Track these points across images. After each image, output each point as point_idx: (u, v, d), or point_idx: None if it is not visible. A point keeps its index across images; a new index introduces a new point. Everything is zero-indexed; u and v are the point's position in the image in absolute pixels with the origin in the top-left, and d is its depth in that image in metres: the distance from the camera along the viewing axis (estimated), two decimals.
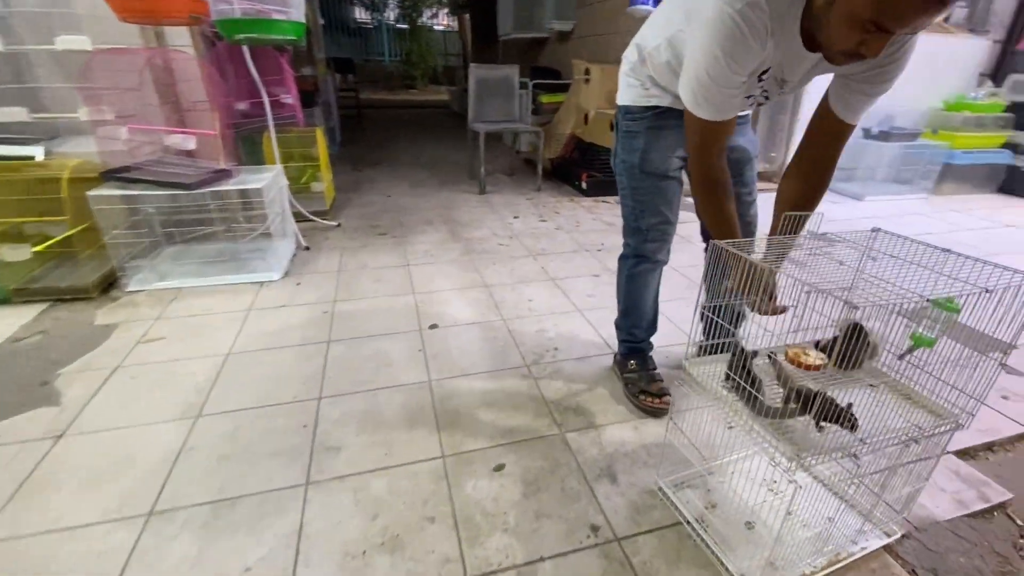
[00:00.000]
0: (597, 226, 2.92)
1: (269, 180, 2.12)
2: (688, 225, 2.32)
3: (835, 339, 1.07)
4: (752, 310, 0.96)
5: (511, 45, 6.40)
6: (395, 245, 2.56)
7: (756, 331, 0.97)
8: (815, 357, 1.01)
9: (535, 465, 1.17)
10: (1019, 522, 1.09)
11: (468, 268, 2.28)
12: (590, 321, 1.83)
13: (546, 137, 3.91)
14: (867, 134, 3.84)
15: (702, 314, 0.98)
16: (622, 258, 1.38)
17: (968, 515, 1.09)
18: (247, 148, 2.92)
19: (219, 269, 2.14)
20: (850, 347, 1.01)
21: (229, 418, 1.31)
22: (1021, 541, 1.05)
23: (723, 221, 1.03)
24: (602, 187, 3.50)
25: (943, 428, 0.87)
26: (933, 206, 3.57)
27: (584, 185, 3.52)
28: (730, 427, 0.88)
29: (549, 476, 1.14)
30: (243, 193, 2.15)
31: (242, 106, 2.86)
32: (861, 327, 1.01)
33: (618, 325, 1.47)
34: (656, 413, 1.33)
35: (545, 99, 4.49)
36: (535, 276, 2.21)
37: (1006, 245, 2.74)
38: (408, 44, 13.15)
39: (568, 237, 2.71)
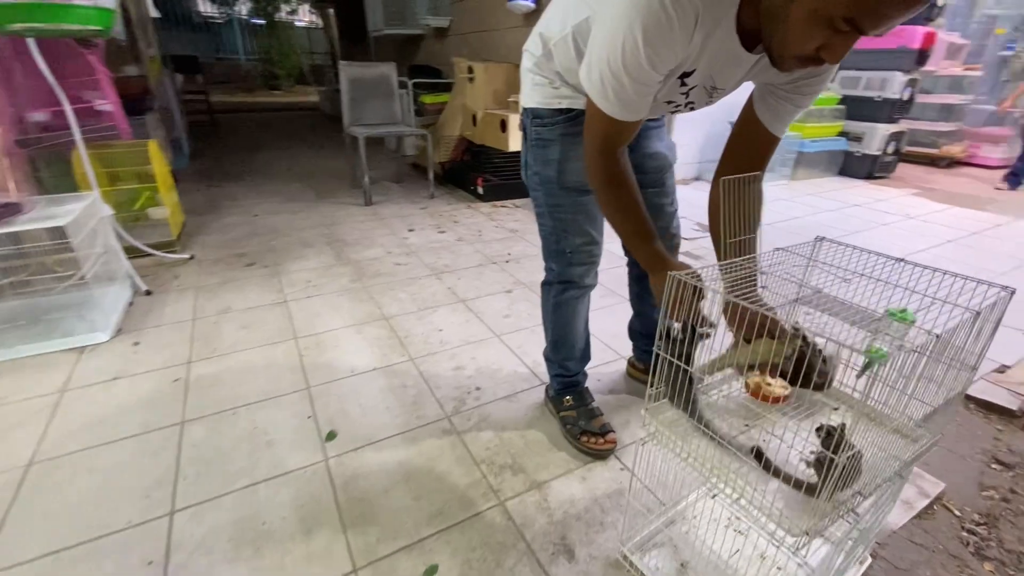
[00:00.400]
0: (500, 234, 2.74)
1: (79, 211, 1.62)
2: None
3: (788, 359, 0.98)
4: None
5: (384, 42, 6.00)
6: (267, 277, 2.15)
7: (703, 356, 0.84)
8: (779, 387, 0.91)
9: (475, 557, 0.94)
10: (957, 512, 1.10)
11: (362, 297, 1.97)
12: (511, 348, 1.63)
13: (433, 140, 3.65)
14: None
15: (656, 355, 0.83)
16: (545, 285, 1.20)
17: (916, 517, 1.07)
18: (55, 171, 2.29)
19: (14, 337, 1.60)
20: (809, 368, 0.93)
21: (26, 573, 0.91)
22: (964, 534, 1.05)
23: (634, 220, 0.89)
24: (499, 191, 3.34)
25: (921, 451, 0.80)
26: (792, 191, 3.92)
27: (480, 190, 3.33)
28: (713, 496, 0.74)
29: (495, 569, 0.92)
30: (42, 233, 1.63)
31: (39, 117, 2.23)
32: (814, 345, 0.93)
33: (548, 358, 1.29)
34: (602, 455, 1.18)
35: (427, 100, 4.22)
36: (442, 299, 1.96)
37: (860, 224, 3.06)
38: (266, 41, 11.96)
39: (472, 249, 2.50)
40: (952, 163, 4.89)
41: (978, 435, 1.33)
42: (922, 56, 4.11)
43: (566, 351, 1.23)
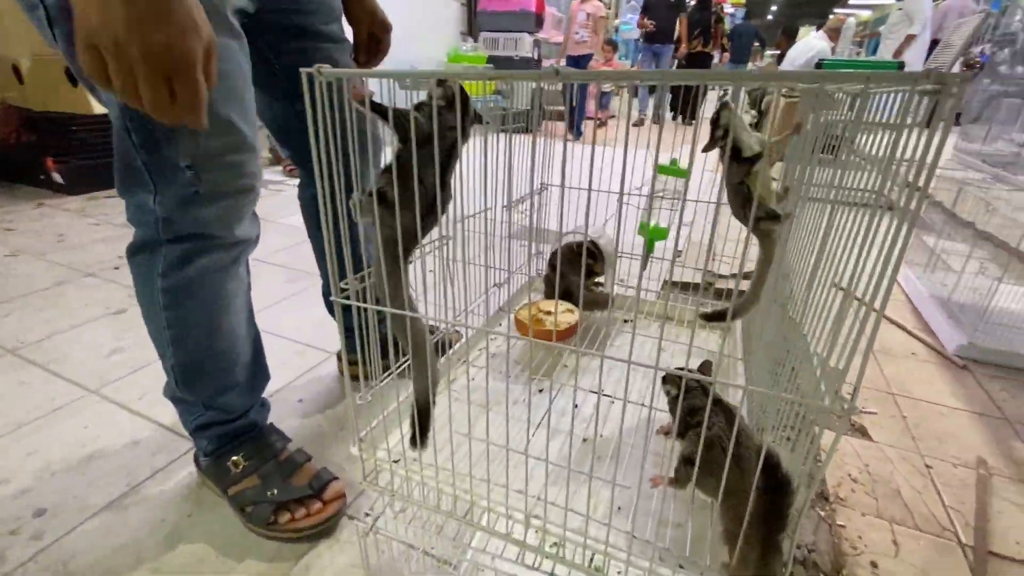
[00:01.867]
0: (105, 232, 1.76)
1: None
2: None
3: (554, 271, 0.69)
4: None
5: None
6: None
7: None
8: (564, 309, 0.59)
9: None
10: None
11: None
12: (124, 404, 0.91)
13: None
14: None
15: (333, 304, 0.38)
16: (140, 250, 0.58)
17: None
18: None
19: None
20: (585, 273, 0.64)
21: None
22: None
23: None
24: (99, 175, 2.21)
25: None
26: None
27: (58, 177, 2.14)
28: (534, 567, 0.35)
29: None
30: None
31: None
32: (593, 243, 0.65)
33: (181, 399, 0.67)
34: (326, 528, 0.67)
35: None
36: None
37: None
38: None
39: (42, 265, 1.49)
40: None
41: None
42: (539, 20, 4.71)
43: (217, 378, 0.64)
